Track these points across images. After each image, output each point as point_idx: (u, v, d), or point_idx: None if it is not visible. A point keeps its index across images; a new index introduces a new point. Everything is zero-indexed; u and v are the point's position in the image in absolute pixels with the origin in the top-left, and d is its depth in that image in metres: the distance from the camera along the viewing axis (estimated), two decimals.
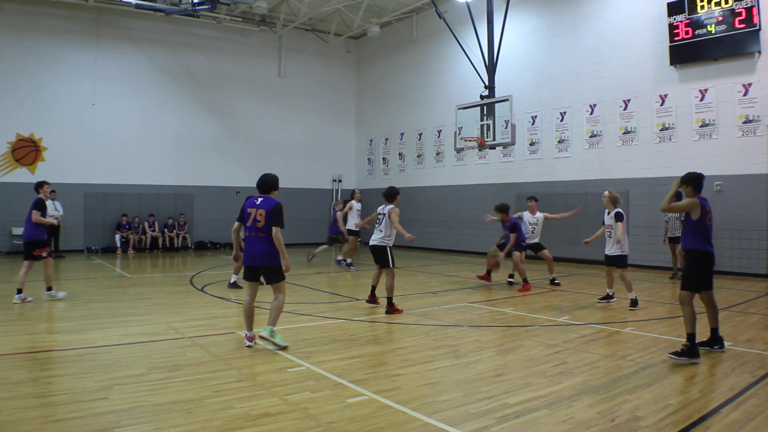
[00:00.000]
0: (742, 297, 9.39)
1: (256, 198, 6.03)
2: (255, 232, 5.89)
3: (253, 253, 5.93)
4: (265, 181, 6.08)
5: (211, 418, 3.95)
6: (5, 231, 16.83)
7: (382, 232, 8.21)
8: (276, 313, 5.99)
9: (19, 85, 16.87)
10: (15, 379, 4.83)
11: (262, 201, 5.94)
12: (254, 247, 5.91)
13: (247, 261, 6.02)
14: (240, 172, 20.55)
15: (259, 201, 5.96)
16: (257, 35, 21.17)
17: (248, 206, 5.98)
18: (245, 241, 6.06)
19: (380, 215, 8.31)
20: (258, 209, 5.89)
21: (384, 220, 8.21)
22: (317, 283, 11.27)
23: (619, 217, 8.62)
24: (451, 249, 18.32)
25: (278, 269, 5.95)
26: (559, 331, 6.87)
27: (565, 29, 15.61)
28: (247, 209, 5.96)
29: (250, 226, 5.92)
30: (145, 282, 11.66)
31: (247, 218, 5.95)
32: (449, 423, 3.90)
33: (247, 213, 5.94)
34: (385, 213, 8.23)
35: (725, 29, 12.01)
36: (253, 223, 5.89)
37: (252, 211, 5.91)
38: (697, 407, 4.20)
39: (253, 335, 6.03)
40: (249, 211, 5.93)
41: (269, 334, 5.89)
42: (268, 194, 6.05)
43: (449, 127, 17.98)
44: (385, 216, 8.20)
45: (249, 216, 5.92)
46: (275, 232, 5.81)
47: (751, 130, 11.88)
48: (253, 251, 5.92)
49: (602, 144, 14.67)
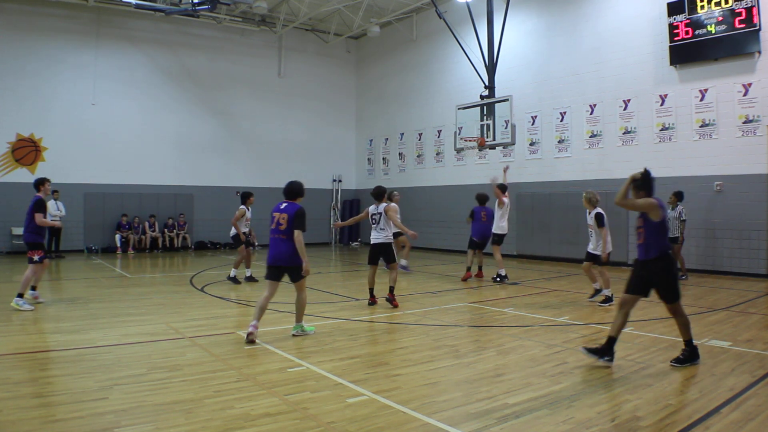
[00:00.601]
0: (742, 297, 9.39)
1: (281, 203, 6.50)
2: (278, 234, 6.35)
3: (276, 254, 6.37)
4: (291, 188, 6.60)
5: (211, 418, 3.95)
6: (5, 231, 16.83)
7: (384, 230, 8.52)
8: (301, 311, 6.56)
9: (19, 85, 16.88)
10: (15, 379, 4.83)
11: (286, 206, 6.42)
12: (277, 248, 6.36)
13: (270, 261, 6.44)
14: (240, 172, 20.56)
15: (283, 206, 6.44)
16: (257, 35, 21.17)
17: (274, 210, 6.48)
18: (269, 243, 6.49)
19: (376, 215, 8.56)
20: (282, 213, 6.36)
21: (381, 218, 8.49)
22: (317, 283, 11.27)
23: (599, 220, 8.65)
24: (451, 249, 18.31)
25: (299, 268, 6.37)
26: (559, 331, 6.87)
27: (565, 29, 15.61)
28: (273, 213, 6.46)
29: (273, 229, 6.39)
30: (145, 282, 11.66)
31: (271, 222, 6.44)
32: (449, 423, 3.90)
33: (272, 217, 6.44)
34: (380, 212, 8.50)
35: (725, 29, 12.00)
36: (276, 225, 6.36)
37: (276, 215, 6.40)
38: (697, 407, 4.20)
39: (257, 325, 6.26)
40: (274, 215, 6.43)
41: (299, 330, 6.50)
42: (294, 200, 6.52)
43: (449, 127, 17.99)
44: (382, 215, 8.49)
45: (273, 219, 6.40)
46: (297, 234, 6.24)
47: (751, 130, 11.88)
48: (277, 252, 6.37)
49: (602, 144, 14.67)
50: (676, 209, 11.44)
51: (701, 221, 12.58)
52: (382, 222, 8.50)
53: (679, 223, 11.40)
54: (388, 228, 8.53)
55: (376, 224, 8.56)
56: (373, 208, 8.62)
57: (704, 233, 12.55)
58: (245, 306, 8.67)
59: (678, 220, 11.39)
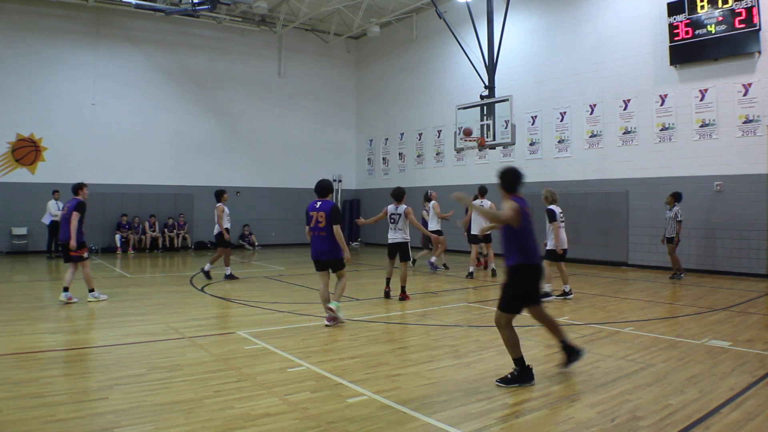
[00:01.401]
0: (742, 297, 9.39)
1: (315, 202, 7.01)
2: (318, 231, 6.94)
3: (319, 250, 7.02)
4: (323, 186, 7.12)
5: (211, 418, 3.95)
6: (5, 231, 16.82)
7: (402, 229, 9.08)
8: (340, 291, 7.26)
9: (19, 85, 16.88)
10: (15, 379, 4.83)
11: (321, 204, 6.96)
12: (319, 245, 6.98)
13: (314, 257, 7.10)
14: (240, 172, 20.57)
15: (318, 204, 6.97)
16: (257, 35, 21.17)
17: (309, 210, 6.99)
18: (311, 240, 7.05)
19: (395, 215, 9.05)
20: (318, 212, 6.91)
21: (401, 219, 9.01)
22: (317, 283, 11.25)
23: (550, 216, 8.96)
24: (451, 249, 18.30)
25: (340, 260, 7.06)
26: None
27: (565, 29, 15.61)
28: (309, 213, 6.97)
29: (313, 227, 6.96)
30: (145, 282, 11.66)
31: (309, 220, 6.97)
32: (449, 423, 3.90)
33: (309, 216, 6.95)
34: (401, 213, 9.00)
35: (725, 29, 12.00)
36: (315, 224, 6.92)
37: (314, 214, 6.91)
38: (697, 407, 4.19)
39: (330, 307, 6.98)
40: (311, 215, 6.94)
41: (336, 307, 6.99)
42: (325, 197, 7.01)
43: (449, 127, 17.99)
44: (401, 216, 8.99)
45: (311, 218, 6.92)
46: (336, 229, 6.86)
47: (751, 130, 11.88)
48: (319, 248, 7.01)
49: (602, 144, 14.67)
50: (673, 210, 11.44)
51: (701, 221, 12.58)
52: (401, 222, 9.00)
53: (676, 223, 11.41)
54: (406, 227, 9.01)
55: (395, 224, 9.04)
56: (392, 208, 9.06)
57: (704, 233, 12.55)
58: (245, 306, 8.67)
59: (674, 221, 11.40)
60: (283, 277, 12.28)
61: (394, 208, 9.00)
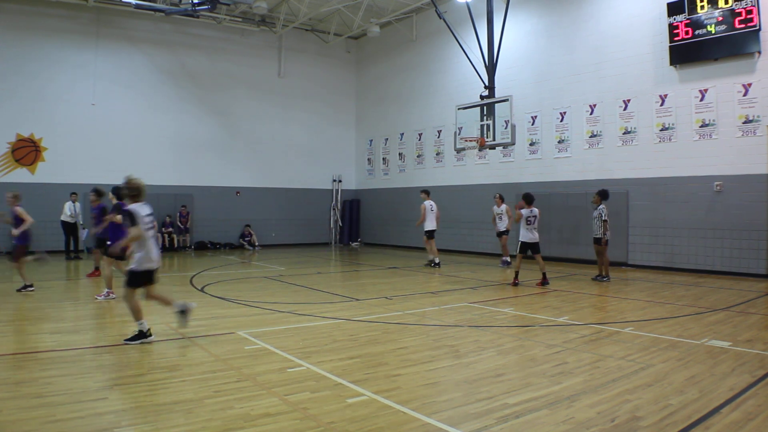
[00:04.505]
0: (742, 297, 9.39)
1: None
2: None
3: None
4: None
5: (211, 418, 3.95)
6: (5, 231, 16.77)
7: (537, 230, 10.74)
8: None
9: (19, 86, 16.87)
10: (15, 379, 4.83)
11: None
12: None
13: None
14: (240, 172, 20.58)
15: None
16: (257, 35, 21.17)
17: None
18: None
19: (532, 217, 10.60)
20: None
21: (536, 221, 10.59)
22: (317, 283, 11.27)
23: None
24: (452, 249, 18.31)
25: None
26: (559, 331, 6.87)
27: (564, 29, 15.61)
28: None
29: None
30: None
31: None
32: (449, 423, 3.90)
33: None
34: (536, 215, 10.64)
35: (725, 29, 12.00)
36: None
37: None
38: (697, 407, 4.20)
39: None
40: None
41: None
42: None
43: (449, 127, 17.99)
44: (537, 217, 10.62)
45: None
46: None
47: (751, 130, 11.88)
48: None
49: (602, 144, 14.67)
50: (598, 209, 11.11)
51: (701, 221, 12.58)
52: (536, 223, 10.68)
53: (601, 222, 11.05)
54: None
55: (532, 224, 10.64)
56: (527, 212, 10.56)
57: (704, 233, 12.55)
58: (245, 306, 8.67)
59: (599, 219, 11.07)
60: (283, 277, 12.28)
61: (530, 211, 10.58)
